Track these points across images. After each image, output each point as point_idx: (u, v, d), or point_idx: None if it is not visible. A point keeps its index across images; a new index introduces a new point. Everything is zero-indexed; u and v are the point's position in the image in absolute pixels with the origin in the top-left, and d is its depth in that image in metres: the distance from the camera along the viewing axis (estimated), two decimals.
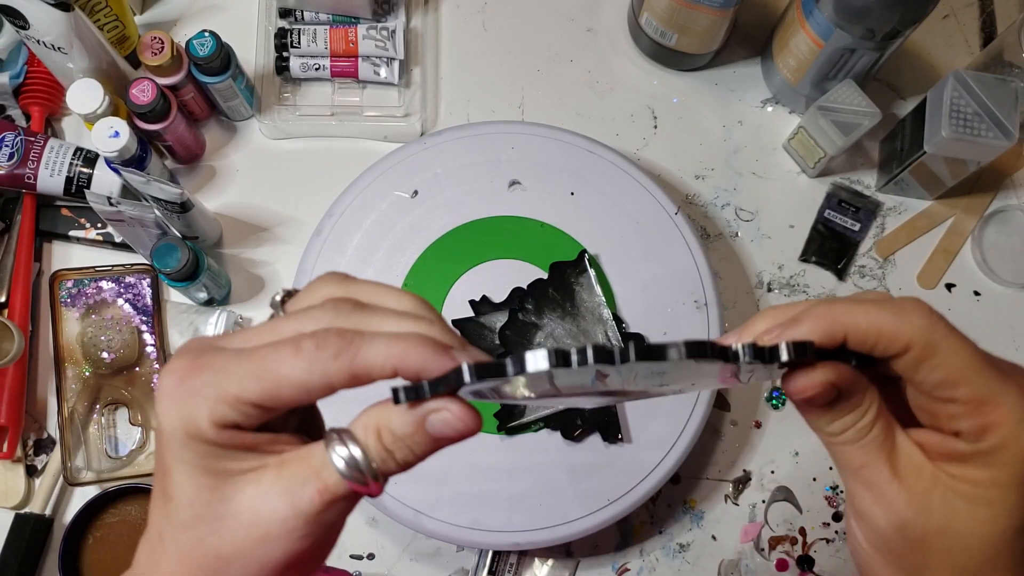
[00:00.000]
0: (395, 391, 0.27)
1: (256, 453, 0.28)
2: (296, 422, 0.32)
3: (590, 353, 0.24)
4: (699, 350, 0.25)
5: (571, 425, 0.67)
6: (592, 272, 0.70)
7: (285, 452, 0.28)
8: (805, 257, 0.80)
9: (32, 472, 0.72)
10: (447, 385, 0.26)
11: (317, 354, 0.26)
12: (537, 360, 0.25)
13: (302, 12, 0.82)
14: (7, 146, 0.73)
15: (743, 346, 0.26)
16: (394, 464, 0.28)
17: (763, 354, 0.27)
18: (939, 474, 0.29)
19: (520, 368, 0.25)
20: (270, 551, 0.27)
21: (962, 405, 0.28)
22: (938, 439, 0.29)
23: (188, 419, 0.27)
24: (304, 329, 0.27)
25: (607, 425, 0.67)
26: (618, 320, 0.69)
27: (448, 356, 0.27)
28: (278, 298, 0.31)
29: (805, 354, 0.27)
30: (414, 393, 0.27)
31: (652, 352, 0.24)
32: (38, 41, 0.67)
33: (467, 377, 0.25)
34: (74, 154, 0.74)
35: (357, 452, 0.27)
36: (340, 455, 0.27)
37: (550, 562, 0.72)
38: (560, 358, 0.24)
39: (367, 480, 0.27)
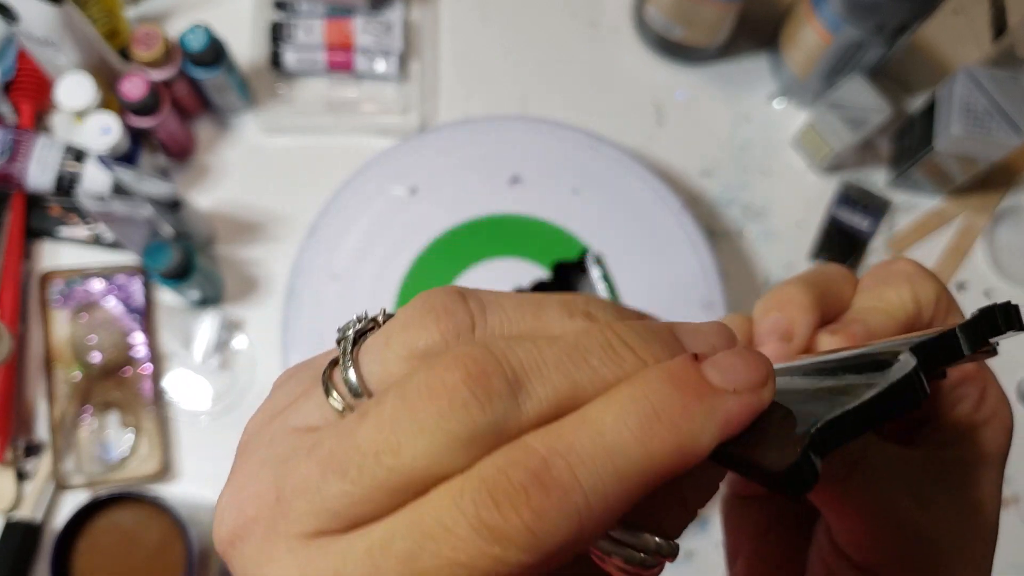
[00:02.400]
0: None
1: None
2: None
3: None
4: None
5: None
6: (596, 272, 0.69)
7: None
8: (814, 256, 0.78)
9: (22, 476, 0.70)
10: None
11: (489, 540, 0.15)
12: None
13: (298, 4, 0.80)
14: None
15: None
16: None
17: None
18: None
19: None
20: None
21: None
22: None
23: None
24: (432, 467, 0.16)
25: None
26: None
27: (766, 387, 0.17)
28: (351, 333, 0.18)
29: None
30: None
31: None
32: (28, 35, 0.65)
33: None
34: (64, 151, 0.72)
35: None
36: None
37: None
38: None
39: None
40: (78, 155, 0.72)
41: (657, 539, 0.17)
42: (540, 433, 0.15)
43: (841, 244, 0.78)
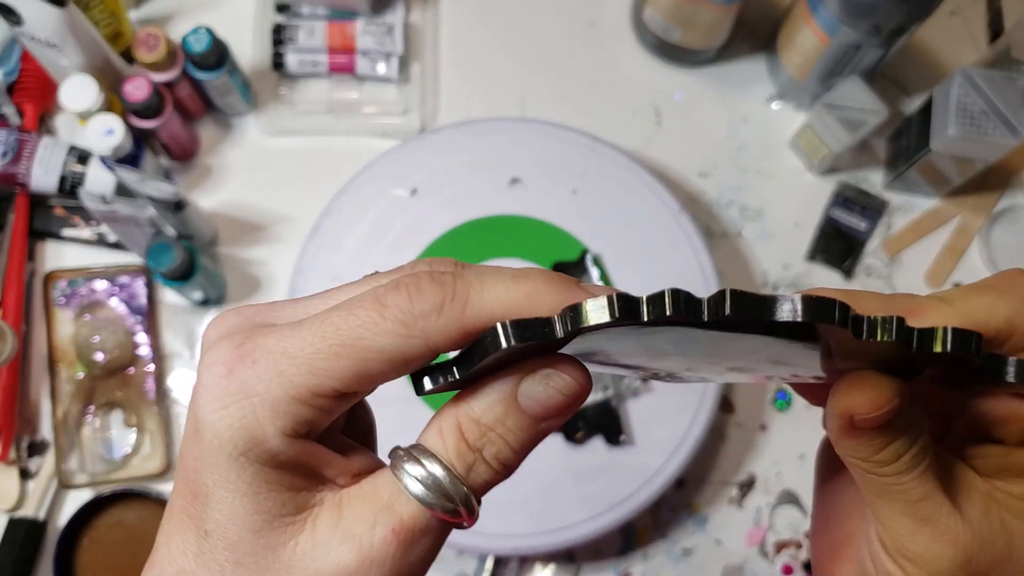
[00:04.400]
0: (457, 362, 0.20)
1: (309, 485, 0.22)
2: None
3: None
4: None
5: (573, 427, 0.66)
6: (595, 272, 0.69)
7: (342, 486, 0.22)
8: (811, 256, 0.79)
9: (26, 475, 0.71)
10: (537, 333, 0.20)
11: (412, 308, 0.20)
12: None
13: (299, 6, 0.81)
14: (0, 144, 0.71)
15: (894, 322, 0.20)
16: (486, 468, 0.22)
17: (911, 339, 0.20)
18: (993, 493, 0.24)
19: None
20: None
21: None
22: (1000, 451, 0.25)
23: (246, 428, 0.20)
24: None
25: (609, 426, 0.66)
26: None
27: (582, 290, 0.21)
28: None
29: (970, 348, 0.21)
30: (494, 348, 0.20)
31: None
32: (32, 37, 0.66)
33: (595, 316, 0.19)
34: (68, 152, 0.73)
35: (436, 468, 0.21)
36: (413, 475, 0.21)
37: (552, 567, 0.71)
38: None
39: (455, 503, 0.22)
40: (81, 156, 0.73)
41: (456, 476, 0.22)
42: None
43: (838, 245, 0.79)
